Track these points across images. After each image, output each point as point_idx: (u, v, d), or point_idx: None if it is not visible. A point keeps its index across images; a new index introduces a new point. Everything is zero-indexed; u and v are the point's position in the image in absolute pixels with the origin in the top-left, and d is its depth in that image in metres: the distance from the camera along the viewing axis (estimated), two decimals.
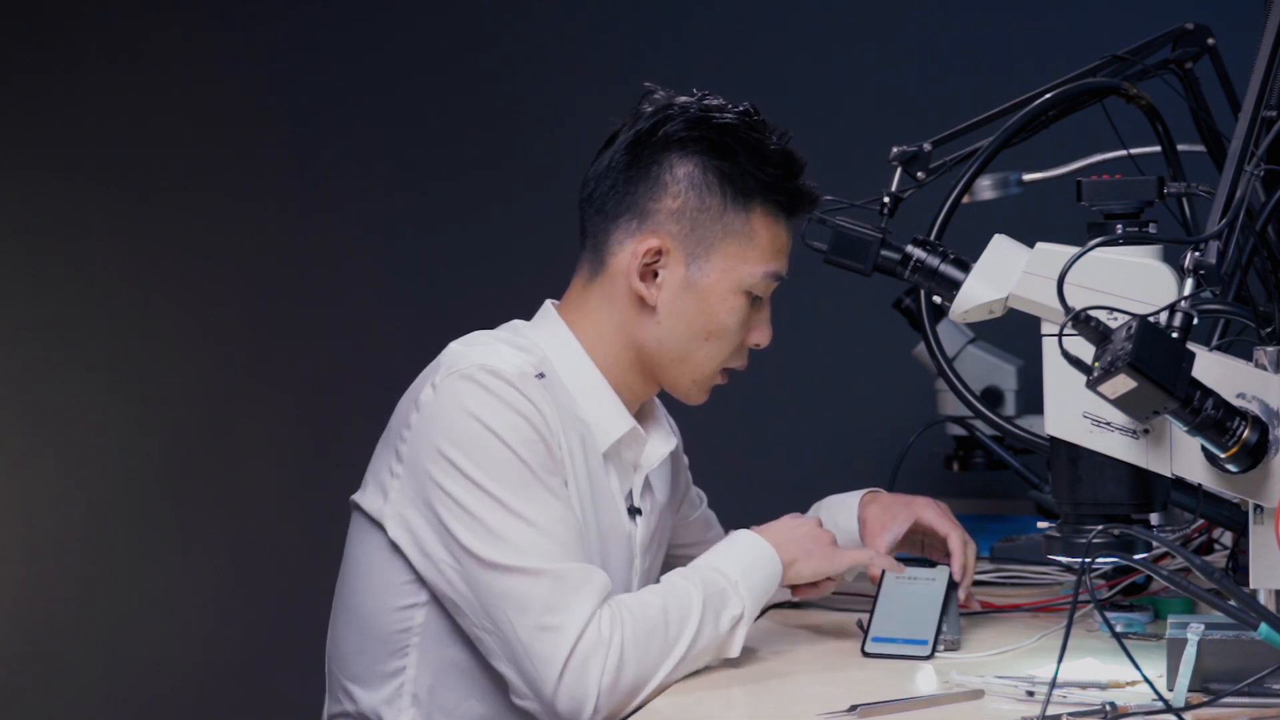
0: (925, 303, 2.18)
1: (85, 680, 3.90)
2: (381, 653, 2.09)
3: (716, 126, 2.10)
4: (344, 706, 2.13)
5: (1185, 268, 1.74)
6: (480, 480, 1.97)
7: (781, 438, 3.66)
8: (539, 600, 1.93)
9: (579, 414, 2.09)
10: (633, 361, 2.14)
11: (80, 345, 3.93)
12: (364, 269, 3.89)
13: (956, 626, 2.17)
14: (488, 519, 1.96)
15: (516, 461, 1.98)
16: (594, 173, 2.14)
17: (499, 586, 1.95)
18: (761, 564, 2.07)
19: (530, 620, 1.93)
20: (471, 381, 2.01)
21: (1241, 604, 1.66)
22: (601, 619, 1.93)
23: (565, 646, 1.91)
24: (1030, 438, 2.16)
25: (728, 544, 2.10)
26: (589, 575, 1.95)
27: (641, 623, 1.94)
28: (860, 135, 2.77)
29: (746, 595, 2.03)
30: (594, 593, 1.94)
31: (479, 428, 1.99)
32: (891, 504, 2.34)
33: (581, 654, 1.91)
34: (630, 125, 2.13)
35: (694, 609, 1.98)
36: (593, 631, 1.92)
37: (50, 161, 3.93)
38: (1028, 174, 2.43)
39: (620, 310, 2.12)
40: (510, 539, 1.95)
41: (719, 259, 2.10)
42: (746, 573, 2.05)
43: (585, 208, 2.15)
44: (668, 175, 2.10)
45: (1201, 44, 2.29)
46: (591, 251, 2.14)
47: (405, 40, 3.88)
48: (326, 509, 2.72)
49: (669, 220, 2.09)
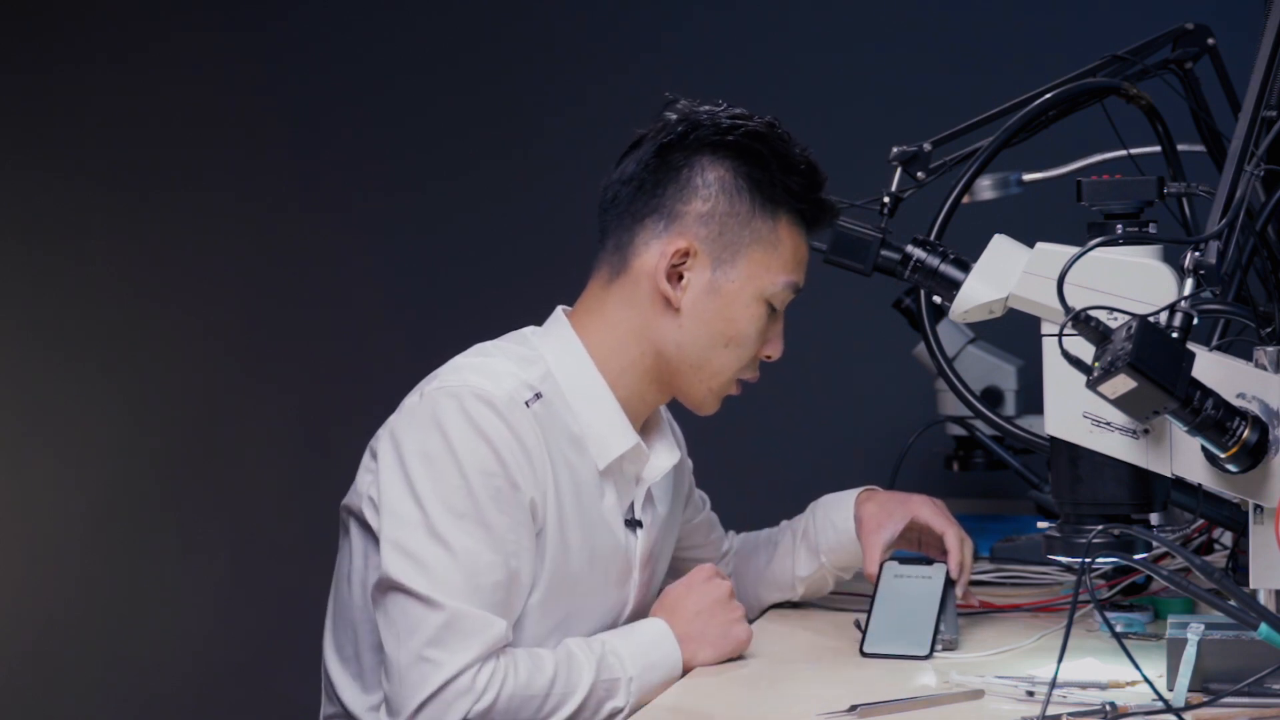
0: (925, 303, 2.18)
1: (85, 680, 3.90)
2: (370, 660, 2.09)
3: (748, 133, 2.09)
4: (336, 709, 2.14)
5: (1185, 268, 1.74)
6: (422, 496, 1.97)
7: (781, 438, 3.66)
8: (428, 632, 1.93)
9: (578, 430, 2.08)
10: (647, 368, 2.12)
11: (80, 345, 3.93)
12: (364, 269, 3.89)
13: (955, 626, 2.17)
14: (411, 538, 1.96)
15: (465, 491, 1.96)
16: (618, 176, 2.12)
17: (398, 605, 1.95)
18: (662, 664, 2.05)
19: (412, 648, 1.93)
20: (454, 400, 1.99)
21: (1241, 604, 1.66)
22: (482, 670, 1.93)
23: (435, 682, 1.91)
24: (1030, 438, 2.16)
25: (636, 632, 2.08)
26: (488, 624, 1.94)
27: (523, 688, 1.94)
28: (860, 135, 2.77)
29: (635, 691, 2.02)
30: (484, 642, 1.93)
31: (442, 446, 1.98)
32: (887, 502, 2.34)
33: (448, 696, 1.91)
34: (657, 130, 2.11)
35: (579, 689, 1.98)
36: (466, 679, 1.91)
37: (50, 161, 3.93)
38: (1028, 174, 2.43)
39: (640, 312, 2.10)
40: (424, 564, 1.95)
41: (744, 265, 2.09)
42: (644, 670, 2.03)
43: (607, 210, 2.13)
44: (699, 179, 2.08)
45: (1201, 44, 2.29)
46: (614, 253, 2.12)
47: (405, 40, 3.88)
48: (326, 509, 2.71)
49: (697, 223, 2.08)
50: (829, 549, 2.37)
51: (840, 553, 2.36)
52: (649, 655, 2.05)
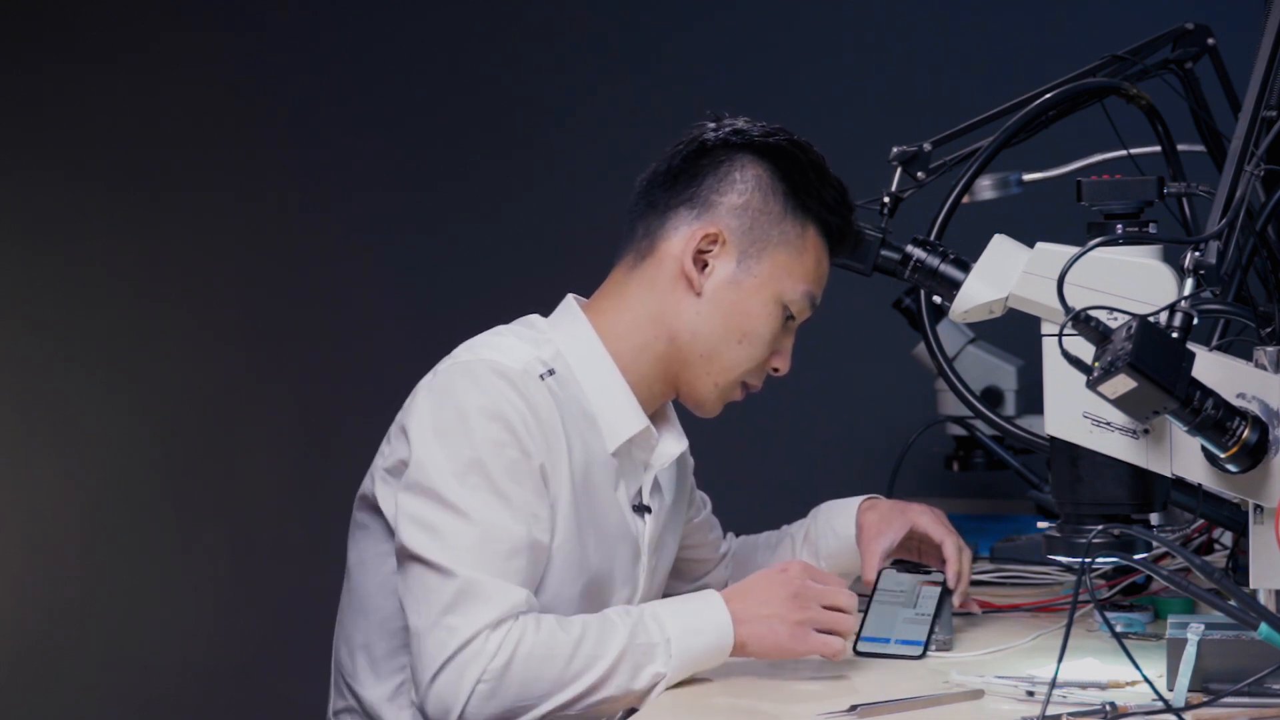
0: (925, 303, 2.18)
1: (85, 680, 3.90)
2: (384, 649, 2.10)
3: (790, 141, 2.13)
4: (348, 702, 2.14)
5: (1185, 268, 1.74)
6: (438, 469, 1.98)
7: (782, 438, 3.66)
8: (444, 599, 1.94)
9: (589, 411, 2.09)
10: (659, 355, 2.13)
11: (80, 345, 3.93)
12: (364, 269, 3.89)
13: (949, 627, 2.18)
14: (428, 510, 1.98)
15: (477, 466, 1.98)
16: (655, 169, 2.15)
17: (416, 575, 1.97)
18: (707, 631, 2.00)
19: (431, 614, 1.94)
20: (468, 374, 2.02)
21: (1241, 604, 1.66)
22: (496, 632, 1.92)
23: (451, 647, 1.91)
24: (1030, 438, 2.16)
25: (688, 599, 2.04)
26: (502, 592, 1.94)
27: (543, 646, 1.93)
28: (860, 135, 2.76)
29: (675, 654, 1.98)
30: (500, 607, 1.93)
31: (456, 420, 2.00)
32: (888, 511, 2.34)
33: (463, 658, 1.91)
34: (699, 130, 2.14)
35: (608, 653, 1.95)
36: (480, 640, 1.91)
37: (50, 161, 3.93)
38: (1028, 174, 2.43)
39: (660, 295, 2.12)
40: (439, 534, 1.97)
41: (769, 264, 2.10)
42: (685, 634, 1.98)
43: (640, 200, 2.15)
44: (737, 172, 2.11)
45: (1201, 44, 2.29)
46: (642, 238, 2.14)
47: (405, 40, 3.88)
48: (326, 508, 2.72)
49: (729, 215, 2.10)
50: (829, 554, 2.38)
51: (840, 558, 2.37)
52: (692, 620, 2.00)
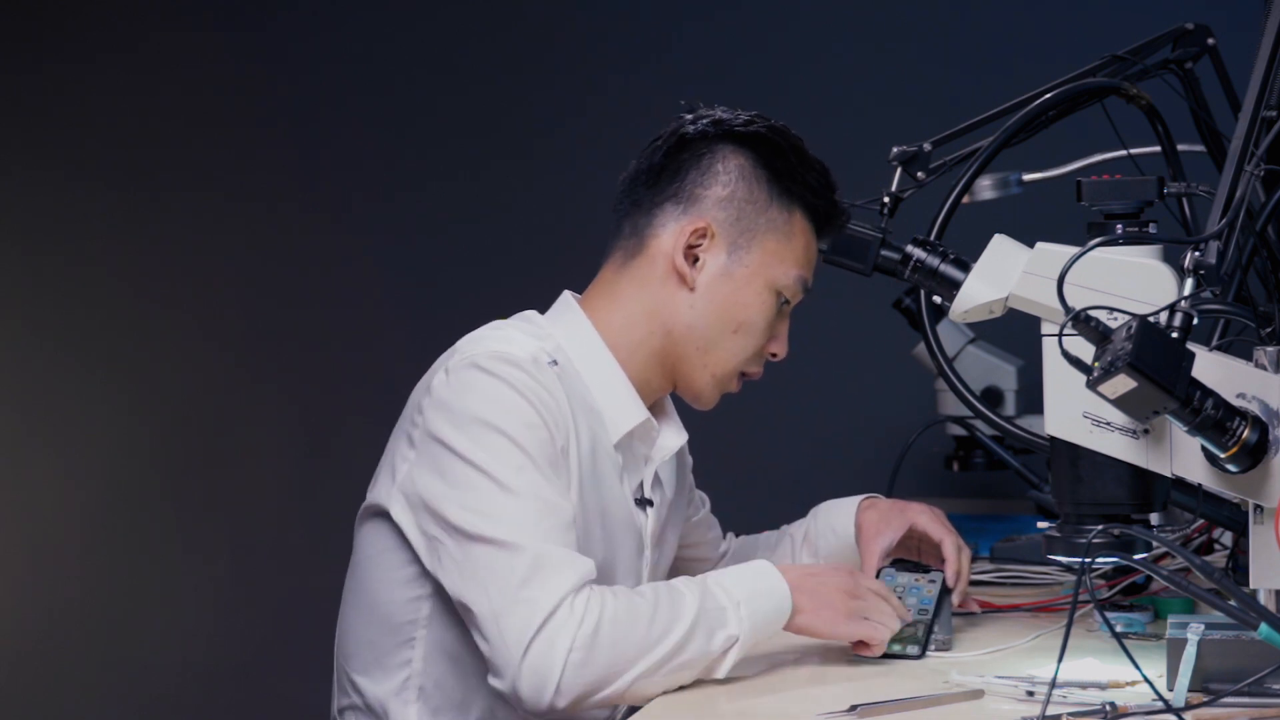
0: (925, 303, 2.18)
1: (85, 680, 3.90)
2: (389, 644, 2.10)
3: (770, 128, 2.13)
4: (352, 699, 2.14)
5: (1185, 268, 1.74)
6: (479, 461, 1.98)
7: (782, 438, 3.66)
8: (518, 574, 1.93)
9: (591, 403, 2.10)
10: (655, 349, 2.14)
11: (80, 345, 3.93)
12: (364, 269, 3.90)
13: (949, 627, 2.18)
14: (479, 497, 1.98)
15: (517, 449, 1.99)
16: (637, 167, 2.16)
17: (482, 559, 1.95)
18: (770, 594, 2.02)
19: (507, 592, 1.92)
20: (482, 369, 2.03)
21: (1241, 604, 1.66)
22: (578, 598, 1.92)
23: (537, 618, 1.90)
24: (1030, 438, 2.16)
25: (743, 567, 2.06)
26: (573, 561, 1.95)
27: (625, 610, 1.93)
28: (860, 135, 2.77)
29: (747, 617, 1.98)
30: (575, 575, 1.93)
31: (485, 412, 2.00)
32: (887, 510, 2.35)
33: (551, 628, 1.90)
34: (681, 122, 2.15)
35: (684, 616, 1.95)
36: (565, 608, 1.91)
37: (50, 161, 3.94)
38: (1028, 174, 2.43)
39: (653, 292, 2.13)
40: (498, 515, 1.96)
41: (758, 252, 2.11)
42: (752, 596, 2.00)
43: (624, 199, 2.16)
44: (720, 164, 2.12)
45: (1201, 44, 2.29)
46: (630, 237, 2.15)
47: (405, 40, 3.88)
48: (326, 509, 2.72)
49: (715, 207, 2.11)
50: (828, 554, 2.38)
51: (839, 558, 2.37)
52: (754, 584, 2.01)
